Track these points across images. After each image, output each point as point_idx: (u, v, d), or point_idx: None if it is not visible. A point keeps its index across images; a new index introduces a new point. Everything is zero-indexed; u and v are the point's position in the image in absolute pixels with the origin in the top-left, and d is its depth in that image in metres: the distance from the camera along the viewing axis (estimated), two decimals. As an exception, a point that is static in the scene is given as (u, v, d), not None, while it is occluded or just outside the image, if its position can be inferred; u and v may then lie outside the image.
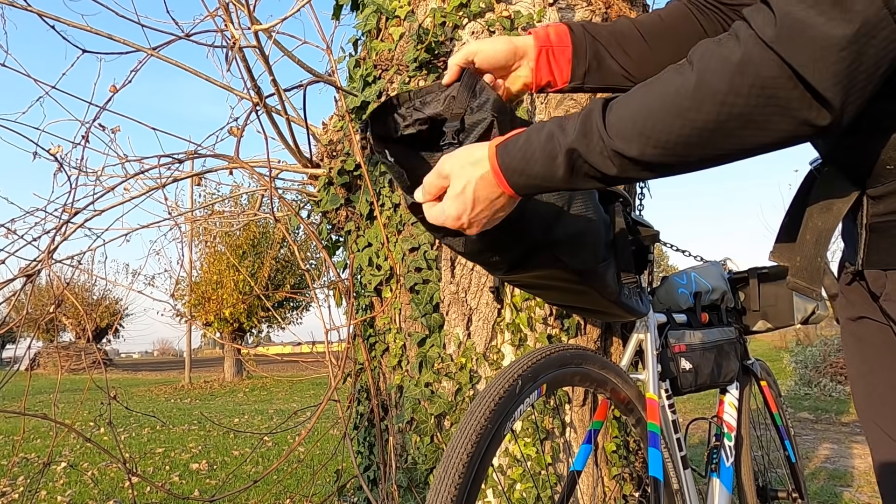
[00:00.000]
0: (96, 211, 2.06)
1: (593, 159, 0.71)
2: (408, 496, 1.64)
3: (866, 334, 0.84)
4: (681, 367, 1.50)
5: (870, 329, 0.84)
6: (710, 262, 1.82)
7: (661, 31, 0.98)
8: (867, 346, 0.85)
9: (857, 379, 0.88)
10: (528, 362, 1.06)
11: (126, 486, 3.80)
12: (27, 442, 5.75)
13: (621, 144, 0.69)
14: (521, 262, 1.07)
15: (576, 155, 0.72)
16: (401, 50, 1.73)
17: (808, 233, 0.79)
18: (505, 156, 0.78)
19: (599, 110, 0.71)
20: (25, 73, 2.08)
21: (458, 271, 1.65)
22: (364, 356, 1.80)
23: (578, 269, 1.09)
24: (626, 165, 0.70)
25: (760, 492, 1.89)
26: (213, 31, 1.97)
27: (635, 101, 0.69)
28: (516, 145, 0.77)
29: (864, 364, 0.86)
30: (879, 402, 0.83)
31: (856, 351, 0.87)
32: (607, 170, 0.71)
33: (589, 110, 0.72)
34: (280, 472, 3.97)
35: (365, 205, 1.81)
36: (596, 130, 0.71)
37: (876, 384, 0.83)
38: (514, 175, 0.78)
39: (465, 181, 0.80)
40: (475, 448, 0.90)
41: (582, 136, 0.72)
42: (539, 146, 0.75)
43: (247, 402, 10.07)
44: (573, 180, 0.75)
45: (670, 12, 1.00)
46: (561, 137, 0.73)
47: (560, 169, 0.74)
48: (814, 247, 0.79)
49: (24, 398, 2.11)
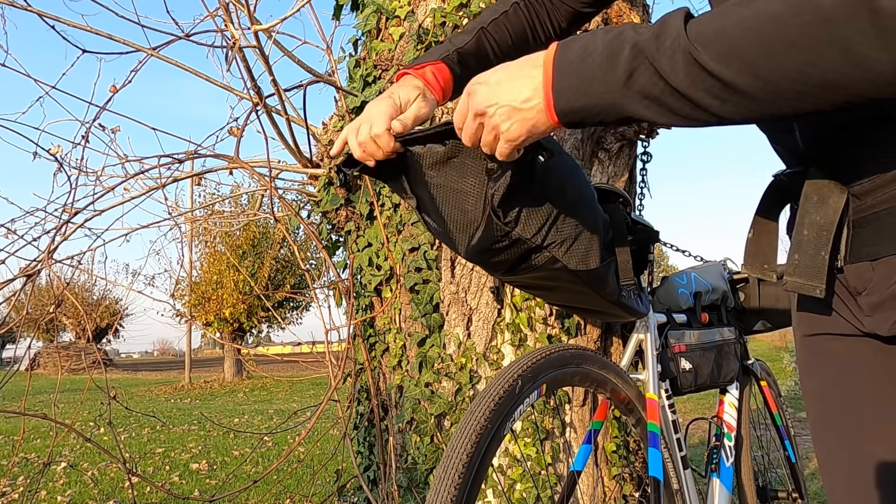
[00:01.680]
0: (96, 211, 2.06)
1: (661, 62, 0.62)
2: (408, 496, 1.64)
3: (831, 350, 0.81)
4: (681, 367, 1.50)
5: (833, 345, 0.80)
6: (710, 262, 1.82)
7: (508, 48, 1.09)
8: (828, 363, 0.81)
9: (815, 397, 0.84)
10: (527, 362, 1.06)
11: (126, 486, 3.80)
12: (27, 442, 5.75)
13: (701, 49, 0.59)
14: (520, 263, 1.07)
15: (641, 56, 0.63)
16: (401, 50, 1.73)
17: (806, 229, 0.75)
18: (564, 50, 0.69)
19: (681, 16, 0.63)
20: (25, 73, 2.08)
21: (458, 271, 1.65)
22: (364, 356, 1.80)
23: (578, 270, 1.09)
24: (697, 76, 0.60)
25: (760, 492, 1.89)
26: (213, 31, 1.97)
27: (728, 11, 0.60)
28: (580, 41, 0.68)
29: (822, 381, 0.82)
30: (837, 417, 0.79)
31: (813, 369, 0.83)
32: (673, 79, 0.61)
33: (667, 17, 0.64)
34: (280, 472, 3.97)
35: (365, 205, 1.81)
36: (674, 31, 0.62)
37: (838, 399, 0.80)
38: (565, 70, 0.68)
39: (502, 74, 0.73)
40: (475, 448, 0.90)
41: (655, 37, 0.63)
42: (603, 42, 0.66)
43: (247, 402, 10.07)
44: (626, 91, 0.65)
45: (510, 21, 1.10)
46: (631, 34, 0.65)
47: (619, 68, 0.64)
48: (815, 242, 0.74)
49: (24, 398, 2.11)
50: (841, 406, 0.79)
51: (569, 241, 1.05)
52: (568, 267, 1.07)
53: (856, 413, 0.77)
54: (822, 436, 0.82)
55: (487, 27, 1.08)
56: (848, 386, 0.78)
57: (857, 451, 0.77)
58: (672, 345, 1.50)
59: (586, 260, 1.08)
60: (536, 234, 1.01)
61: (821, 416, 0.82)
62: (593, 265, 1.10)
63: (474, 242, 1.01)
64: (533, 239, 1.01)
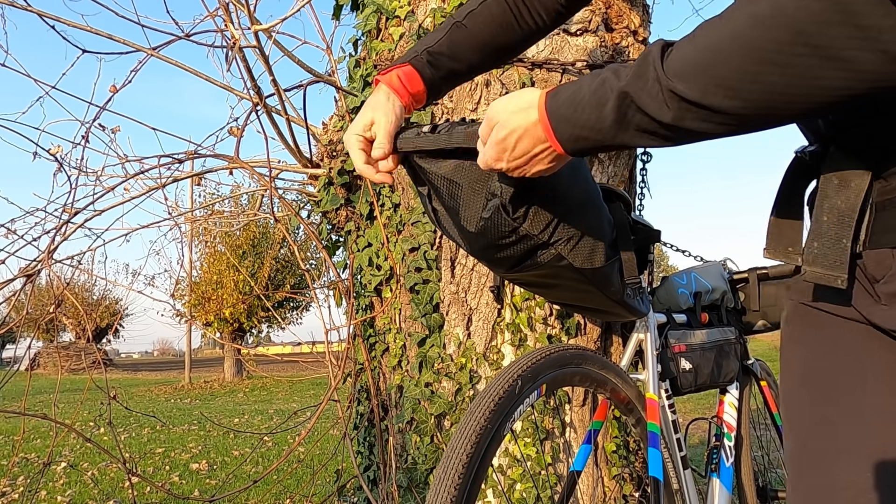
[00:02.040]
0: (96, 211, 2.06)
1: (646, 103, 0.64)
2: (408, 496, 1.64)
3: (830, 327, 0.78)
4: (681, 367, 1.50)
5: (834, 323, 0.77)
6: (710, 262, 1.82)
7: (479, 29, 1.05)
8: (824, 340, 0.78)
9: (801, 363, 0.81)
10: (527, 362, 1.06)
11: (126, 486, 3.80)
12: (27, 442, 5.75)
13: (681, 85, 0.61)
14: (525, 260, 1.07)
15: (628, 100, 0.66)
16: (401, 50, 1.73)
17: (826, 214, 0.71)
18: (554, 102, 0.74)
19: (658, 51, 0.64)
20: (25, 73, 2.08)
21: (458, 271, 1.65)
22: (364, 356, 1.80)
23: (583, 268, 1.08)
24: (684, 110, 0.62)
25: (760, 492, 1.89)
26: (213, 31, 1.97)
27: (699, 37, 0.62)
28: (566, 92, 0.73)
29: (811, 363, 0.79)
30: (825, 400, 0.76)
31: (805, 339, 0.81)
32: (661, 116, 0.64)
33: (647, 52, 0.66)
34: (280, 472, 3.97)
35: (365, 205, 1.81)
36: (653, 71, 0.63)
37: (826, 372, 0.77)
38: (560, 123, 0.73)
39: (509, 129, 0.78)
40: (475, 448, 0.90)
41: (636, 77, 0.65)
42: (589, 92, 0.70)
43: (247, 402, 10.07)
44: (622, 132, 0.68)
45: (491, 11, 1.06)
46: (614, 82, 0.67)
47: (609, 117, 0.68)
48: (836, 228, 0.70)
49: (24, 398, 2.11)
50: (826, 377, 0.77)
51: (575, 238, 1.05)
52: (573, 265, 1.07)
53: (847, 392, 0.75)
54: (796, 392, 0.81)
55: (463, 21, 1.05)
56: (838, 360, 0.77)
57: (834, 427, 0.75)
58: (672, 345, 1.50)
59: (591, 258, 1.08)
60: (544, 230, 1.01)
61: (803, 379, 0.80)
62: (598, 263, 1.09)
63: (481, 237, 1.01)
64: (540, 235, 1.01)
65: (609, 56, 1.62)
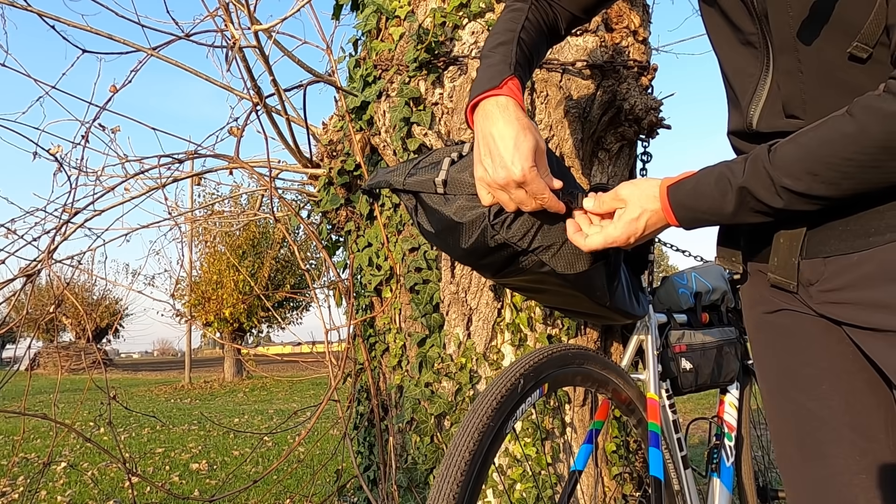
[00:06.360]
0: (96, 211, 2.06)
1: (762, 195, 0.83)
2: (408, 496, 1.64)
3: (790, 323, 0.98)
4: (681, 367, 1.50)
5: (794, 318, 0.98)
6: (711, 262, 1.82)
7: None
8: (788, 334, 0.99)
9: (772, 363, 1.01)
10: (530, 361, 1.06)
11: (126, 486, 3.80)
12: (27, 442, 5.75)
13: (789, 181, 0.81)
14: (507, 266, 1.08)
15: (745, 193, 0.85)
16: (401, 50, 1.73)
17: (782, 237, 0.93)
18: (676, 194, 0.92)
19: (766, 153, 0.83)
20: (25, 73, 2.08)
21: (458, 271, 1.65)
22: (364, 356, 1.80)
23: (566, 274, 1.08)
24: (793, 199, 0.82)
25: (761, 492, 1.89)
26: (213, 31, 1.97)
27: (801, 145, 0.80)
28: (686, 186, 0.91)
29: (782, 349, 1.00)
30: (791, 379, 0.98)
31: (774, 339, 1.01)
32: (774, 203, 0.83)
33: (756, 155, 0.84)
34: (280, 472, 3.97)
35: (365, 205, 1.81)
36: (764, 170, 0.83)
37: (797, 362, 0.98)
38: (682, 210, 0.92)
39: (641, 210, 0.95)
40: (477, 446, 0.90)
41: (752, 175, 0.84)
42: (710, 186, 0.88)
43: (247, 402, 10.08)
44: (740, 214, 0.87)
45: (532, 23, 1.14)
46: (731, 178, 0.86)
47: (730, 205, 0.86)
48: (788, 250, 0.93)
49: (24, 398, 2.11)
50: (788, 368, 0.99)
51: (556, 245, 1.05)
52: (556, 270, 1.07)
53: (801, 374, 0.97)
54: (774, 389, 1.01)
55: (520, 34, 1.09)
56: (799, 353, 0.98)
57: (798, 404, 0.98)
58: (672, 345, 1.50)
59: (574, 264, 1.08)
60: (522, 238, 1.02)
61: (777, 375, 1.01)
62: (580, 269, 1.09)
63: (463, 245, 1.04)
64: (519, 243, 1.02)
65: (609, 56, 1.62)
